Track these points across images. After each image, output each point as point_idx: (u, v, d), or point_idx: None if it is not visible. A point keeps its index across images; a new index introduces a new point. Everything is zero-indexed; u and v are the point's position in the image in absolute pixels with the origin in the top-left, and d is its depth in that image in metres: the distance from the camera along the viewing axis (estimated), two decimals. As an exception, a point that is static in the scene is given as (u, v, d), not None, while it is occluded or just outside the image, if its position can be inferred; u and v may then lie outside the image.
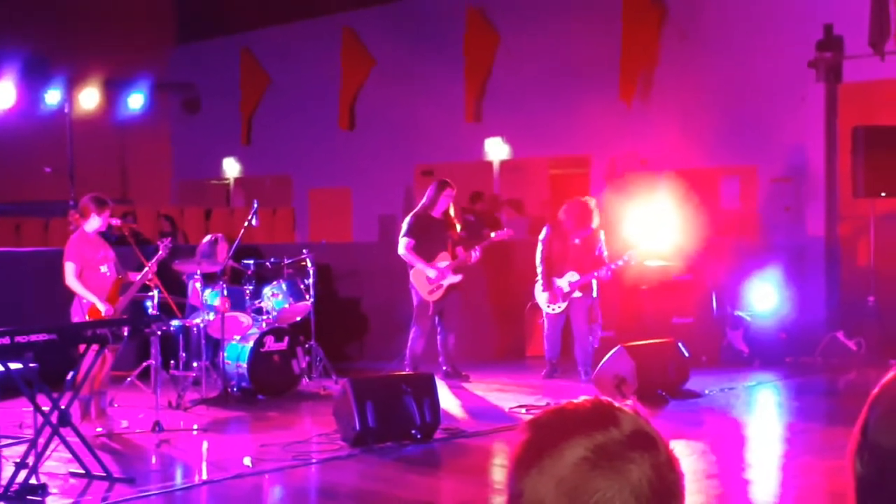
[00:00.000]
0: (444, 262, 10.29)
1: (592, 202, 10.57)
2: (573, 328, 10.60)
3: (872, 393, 1.57)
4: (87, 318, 8.04)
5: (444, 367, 10.41)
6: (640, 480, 1.36)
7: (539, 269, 10.56)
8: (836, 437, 7.73)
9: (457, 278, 10.32)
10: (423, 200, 10.42)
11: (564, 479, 1.36)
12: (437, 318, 10.39)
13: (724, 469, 7.30)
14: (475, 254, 10.27)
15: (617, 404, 1.44)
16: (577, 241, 10.45)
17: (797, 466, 7.41)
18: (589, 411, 1.43)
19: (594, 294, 10.57)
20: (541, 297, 10.62)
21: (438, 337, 10.46)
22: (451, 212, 10.41)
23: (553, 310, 10.55)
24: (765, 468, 7.50)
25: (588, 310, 10.55)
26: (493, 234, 10.61)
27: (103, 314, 8.07)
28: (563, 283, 10.49)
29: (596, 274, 10.39)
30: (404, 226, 10.38)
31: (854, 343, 11.59)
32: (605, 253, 10.53)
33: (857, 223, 12.75)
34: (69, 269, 8.21)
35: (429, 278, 10.24)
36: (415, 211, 10.47)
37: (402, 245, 10.26)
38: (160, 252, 8.73)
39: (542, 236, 10.63)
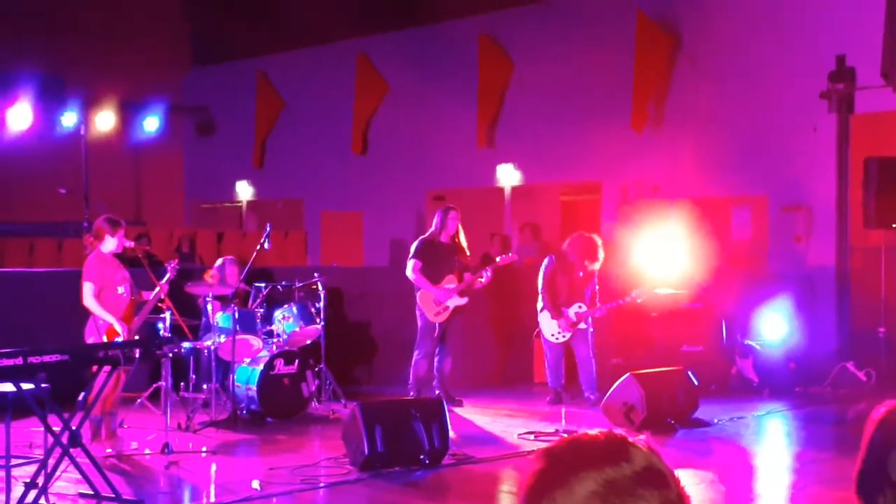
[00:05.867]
0: (450, 284, 10.38)
1: (599, 240, 10.63)
2: (577, 355, 10.64)
3: (877, 431, 1.58)
4: (104, 338, 8.08)
5: (437, 391, 10.41)
6: None
7: (542, 299, 10.60)
8: (845, 467, 7.67)
9: (462, 301, 10.39)
10: (432, 227, 10.56)
11: None
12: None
13: (732, 499, 7.28)
14: (487, 274, 10.36)
15: (631, 439, 1.45)
16: (581, 273, 10.54)
17: (806, 497, 7.38)
18: (602, 445, 1.44)
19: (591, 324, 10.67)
20: (548, 325, 10.63)
21: (436, 359, 10.50)
22: (462, 236, 10.51)
23: (557, 339, 10.59)
24: (774, 498, 7.47)
25: (589, 337, 10.61)
26: (498, 259, 10.70)
27: (121, 335, 8.12)
28: (570, 312, 10.54)
29: (593, 312, 10.48)
30: (412, 249, 10.49)
31: (864, 374, 11.56)
32: (597, 288, 10.61)
33: (868, 254, 12.74)
34: (87, 289, 8.25)
35: (435, 300, 10.31)
36: (423, 236, 10.61)
37: (410, 267, 10.38)
38: (168, 274, 8.77)
39: (544, 266, 10.69)
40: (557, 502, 1.39)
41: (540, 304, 10.64)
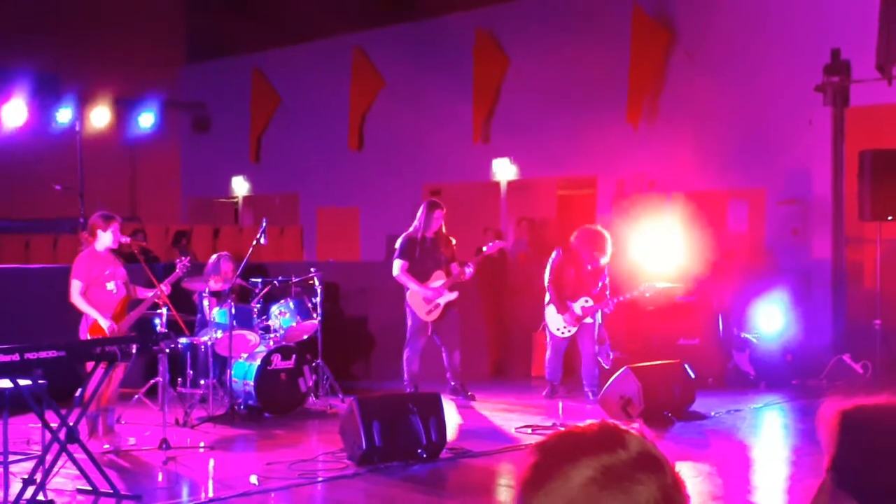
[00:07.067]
0: (438, 280, 10.35)
1: (607, 233, 10.57)
2: (581, 350, 10.62)
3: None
4: (88, 335, 8.06)
5: (452, 383, 10.44)
6: (647, 502, 1.39)
7: (548, 292, 10.58)
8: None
9: (453, 296, 10.37)
10: (415, 222, 10.47)
11: (573, 500, 1.39)
12: (436, 338, 10.44)
13: (730, 491, 7.29)
14: (469, 269, 10.30)
15: (624, 427, 1.46)
16: (589, 267, 10.47)
17: (803, 489, 7.40)
18: (596, 434, 1.45)
19: (600, 319, 10.62)
20: (554, 319, 10.61)
21: (444, 355, 10.49)
22: (444, 229, 10.47)
23: (563, 333, 10.58)
24: (771, 491, 7.50)
25: (595, 333, 10.58)
26: (483, 249, 10.63)
27: (106, 331, 8.08)
28: (576, 307, 10.51)
29: (603, 306, 10.45)
30: (397, 248, 10.43)
31: (860, 366, 11.58)
32: (608, 281, 10.56)
33: (863, 246, 12.75)
34: (74, 287, 8.23)
35: (425, 298, 10.29)
36: (407, 233, 10.50)
37: (397, 267, 10.33)
38: (177, 271, 8.76)
39: (551, 259, 10.66)
40: (554, 492, 1.39)
41: (547, 298, 10.62)
